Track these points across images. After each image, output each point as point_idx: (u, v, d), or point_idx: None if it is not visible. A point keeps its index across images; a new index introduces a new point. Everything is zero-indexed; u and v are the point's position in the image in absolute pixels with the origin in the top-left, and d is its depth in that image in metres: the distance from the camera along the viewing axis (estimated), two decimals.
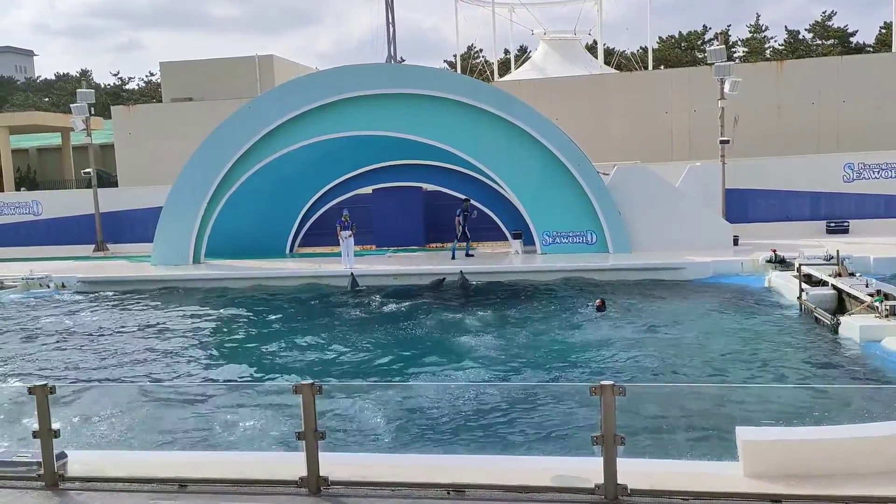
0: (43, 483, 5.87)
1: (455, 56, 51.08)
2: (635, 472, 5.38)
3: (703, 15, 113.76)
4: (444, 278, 19.98)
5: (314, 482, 5.55)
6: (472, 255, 23.36)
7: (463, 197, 24.16)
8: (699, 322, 14.88)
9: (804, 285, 15.22)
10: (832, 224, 25.46)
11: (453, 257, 23.09)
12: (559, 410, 9.36)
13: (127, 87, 72.15)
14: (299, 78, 26.63)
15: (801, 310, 14.90)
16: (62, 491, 5.83)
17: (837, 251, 16.31)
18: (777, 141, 30.65)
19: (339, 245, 22.77)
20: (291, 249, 26.99)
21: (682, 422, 8.84)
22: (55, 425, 5.87)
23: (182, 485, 5.77)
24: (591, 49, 47.49)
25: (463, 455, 7.79)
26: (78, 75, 72.87)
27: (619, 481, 5.20)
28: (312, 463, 5.55)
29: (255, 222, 25.78)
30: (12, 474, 5.99)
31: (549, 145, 22.54)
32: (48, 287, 22.37)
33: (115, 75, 75.58)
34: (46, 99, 71.21)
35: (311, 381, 5.60)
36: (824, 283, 15.06)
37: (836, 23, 56.72)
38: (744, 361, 11.71)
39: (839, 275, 15.11)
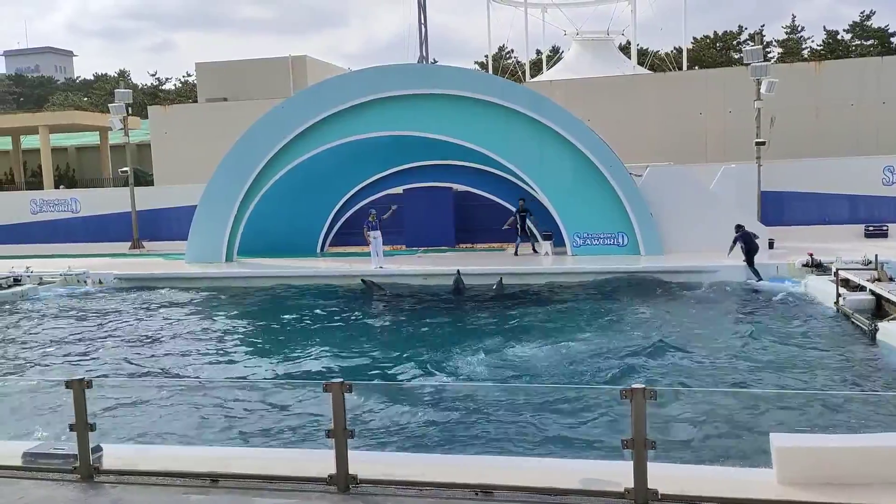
0: (79, 476, 5.98)
1: (486, 57, 51.03)
2: (666, 476, 5.32)
3: (737, 14, 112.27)
4: (501, 278, 19.83)
5: (343, 480, 5.58)
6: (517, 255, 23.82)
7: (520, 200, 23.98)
8: (733, 326, 14.68)
9: (842, 290, 14.96)
10: (871, 228, 24.93)
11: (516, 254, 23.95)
12: (591, 412, 9.29)
13: (164, 87, 73.27)
14: (332, 78, 26.80)
15: (838, 315, 14.63)
16: (97, 484, 5.93)
17: (876, 255, 16.03)
18: (814, 142, 30.10)
19: (368, 245, 22.88)
20: (322, 249, 27.17)
21: (714, 426, 8.72)
22: (91, 419, 5.98)
23: (214, 480, 5.84)
24: (625, 49, 47.10)
25: (491, 456, 7.76)
26: (116, 75, 74.18)
27: (649, 486, 5.15)
28: (342, 461, 5.58)
29: (286, 221, 26.00)
30: (49, 466, 6.12)
31: (580, 146, 22.40)
32: (85, 283, 22.79)
33: (153, 75, 76.96)
34: (86, 98, 72.53)
35: (340, 380, 5.63)
36: (862, 288, 14.78)
37: (875, 22, 55.58)
38: (778, 366, 11.51)
39: (878, 279, 14.83)
